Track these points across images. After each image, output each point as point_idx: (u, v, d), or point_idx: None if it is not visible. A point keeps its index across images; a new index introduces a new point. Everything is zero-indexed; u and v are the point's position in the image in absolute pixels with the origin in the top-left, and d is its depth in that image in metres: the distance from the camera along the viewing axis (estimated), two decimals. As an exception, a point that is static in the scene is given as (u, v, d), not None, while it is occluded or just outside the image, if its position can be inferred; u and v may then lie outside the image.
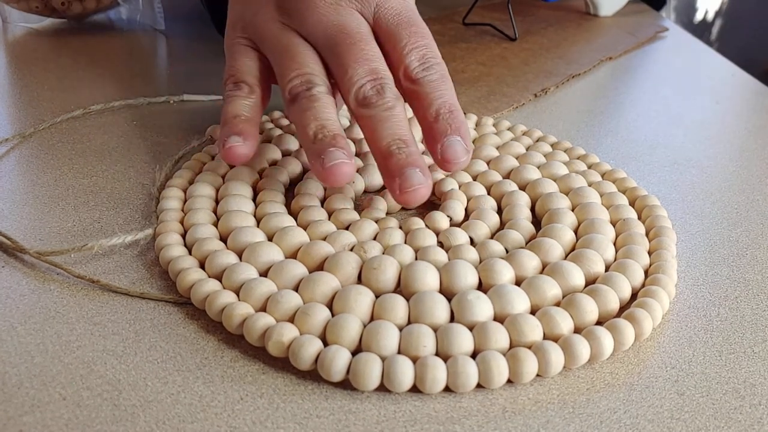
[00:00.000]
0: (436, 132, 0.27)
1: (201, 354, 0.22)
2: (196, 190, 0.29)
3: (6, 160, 0.33)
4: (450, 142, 0.27)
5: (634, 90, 0.49)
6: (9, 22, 0.53)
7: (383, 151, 0.27)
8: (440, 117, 0.28)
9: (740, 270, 0.28)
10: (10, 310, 0.23)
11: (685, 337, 0.24)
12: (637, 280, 0.25)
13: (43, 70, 0.45)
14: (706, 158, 0.39)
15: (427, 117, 0.28)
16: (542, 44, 0.55)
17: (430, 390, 0.21)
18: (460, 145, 0.27)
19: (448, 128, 0.27)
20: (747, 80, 0.54)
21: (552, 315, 0.22)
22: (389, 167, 0.26)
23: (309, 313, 0.22)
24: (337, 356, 0.21)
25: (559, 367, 0.21)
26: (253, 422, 0.20)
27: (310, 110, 0.27)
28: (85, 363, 0.21)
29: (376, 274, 0.24)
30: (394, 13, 0.30)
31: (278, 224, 0.27)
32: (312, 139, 0.26)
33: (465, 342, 0.21)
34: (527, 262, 0.25)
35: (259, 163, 0.31)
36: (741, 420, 0.21)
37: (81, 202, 0.30)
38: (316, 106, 0.27)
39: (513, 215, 0.29)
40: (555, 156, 0.34)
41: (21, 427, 0.19)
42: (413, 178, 0.26)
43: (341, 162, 0.26)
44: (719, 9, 1.74)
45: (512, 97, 0.44)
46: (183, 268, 0.25)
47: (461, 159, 0.27)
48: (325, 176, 0.26)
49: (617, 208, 0.29)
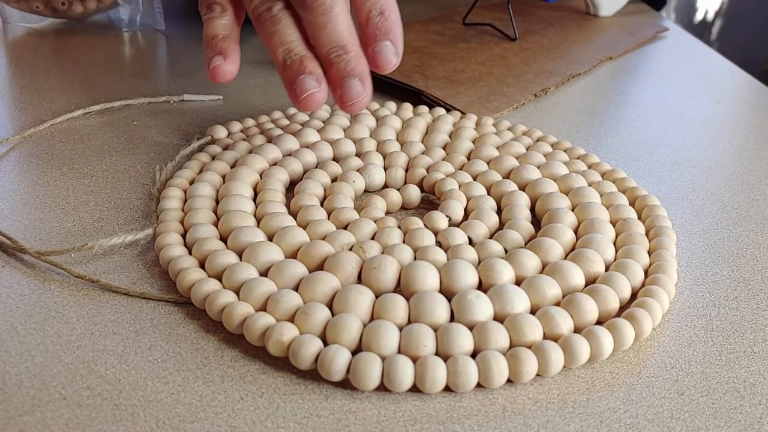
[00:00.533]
0: (368, 36, 0.29)
1: (201, 353, 0.22)
2: (196, 190, 0.29)
3: (6, 160, 0.33)
4: (379, 47, 0.28)
5: (634, 90, 0.49)
6: (9, 22, 0.54)
7: (323, 58, 0.28)
8: (371, 20, 0.29)
9: (740, 270, 0.28)
10: (10, 309, 0.24)
11: (685, 337, 0.24)
12: (637, 279, 0.25)
13: (43, 70, 0.45)
14: (706, 158, 0.39)
15: (360, 19, 0.29)
16: (542, 44, 0.55)
17: (430, 390, 0.21)
18: (389, 49, 0.29)
19: (378, 33, 0.28)
20: (747, 80, 0.54)
21: (552, 315, 0.22)
22: (331, 76, 0.28)
23: (309, 313, 0.22)
24: (337, 356, 0.21)
25: (559, 367, 0.21)
26: (253, 422, 0.20)
27: (275, 34, 0.28)
28: (86, 362, 0.21)
29: (376, 273, 0.24)
30: None
31: (278, 224, 0.27)
32: (282, 66, 0.28)
33: (465, 342, 0.21)
34: (527, 262, 0.25)
35: (259, 163, 0.32)
36: (741, 420, 0.21)
37: (81, 202, 0.30)
38: (279, 28, 0.28)
39: (512, 215, 0.29)
40: (555, 156, 0.34)
41: (21, 426, 0.19)
42: (352, 90, 0.28)
43: (312, 92, 0.27)
44: (719, 9, 1.74)
45: (512, 97, 0.44)
46: (183, 268, 0.25)
47: (391, 63, 0.29)
48: (299, 107, 0.28)
49: (617, 208, 0.29)
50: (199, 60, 0.48)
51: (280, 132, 0.35)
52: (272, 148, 0.33)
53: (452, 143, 0.35)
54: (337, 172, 0.32)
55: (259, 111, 0.39)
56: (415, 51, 0.50)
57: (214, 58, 0.29)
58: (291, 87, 0.28)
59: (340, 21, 0.28)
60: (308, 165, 0.32)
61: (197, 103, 0.41)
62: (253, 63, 0.48)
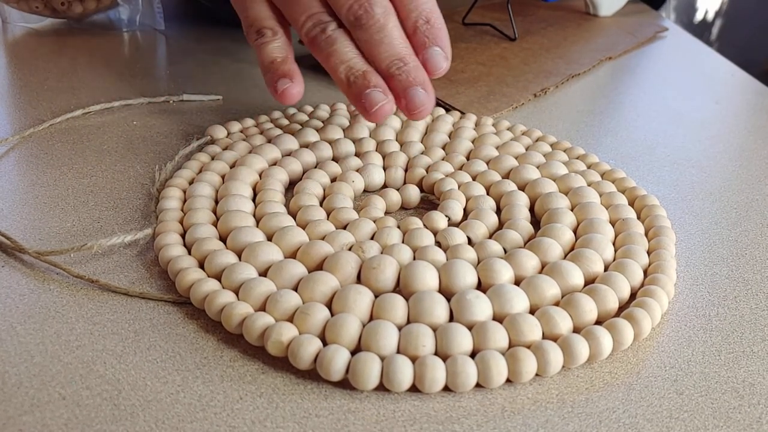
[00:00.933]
0: (417, 44, 0.30)
1: (200, 353, 0.22)
2: (195, 190, 0.29)
3: (6, 160, 0.33)
4: (429, 54, 0.29)
5: (634, 90, 0.49)
6: (9, 23, 0.54)
7: (384, 72, 0.29)
8: (418, 29, 0.29)
9: (739, 270, 0.28)
10: (9, 309, 0.24)
11: (684, 337, 0.24)
12: (636, 279, 0.25)
13: (43, 70, 0.45)
14: (705, 158, 0.39)
15: (407, 29, 0.30)
16: (542, 44, 0.55)
17: (429, 390, 0.21)
18: (439, 56, 0.30)
19: (426, 40, 0.29)
20: (747, 80, 0.54)
21: (551, 315, 0.22)
22: (394, 88, 0.29)
23: (308, 313, 0.22)
24: (336, 356, 0.21)
25: (558, 367, 0.21)
26: (253, 422, 0.20)
27: (333, 54, 0.29)
28: (85, 362, 0.21)
29: (375, 273, 0.24)
30: None
31: (277, 224, 0.27)
32: (346, 83, 0.29)
33: (464, 341, 0.21)
34: (526, 262, 0.25)
35: (259, 163, 0.32)
36: (740, 419, 0.21)
37: (81, 202, 0.30)
38: (336, 48, 0.29)
39: (512, 215, 0.29)
40: (554, 156, 0.34)
41: (20, 426, 0.19)
42: (417, 98, 0.29)
43: (381, 105, 0.29)
44: (719, 9, 1.74)
45: (512, 97, 0.44)
46: (182, 268, 0.25)
47: (442, 68, 0.30)
48: (370, 119, 0.29)
49: (616, 208, 0.29)
50: (199, 60, 0.48)
51: (279, 132, 0.35)
52: (272, 148, 0.33)
53: (451, 143, 0.35)
54: (336, 172, 0.32)
55: (258, 111, 0.39)
56: (414, 51, 0.50)
57: (281, 82, 0.30)
58: (359, 102, 0.29)
59: (395, 35, 0.29)
60: (308, 165, 0.32)
61: (197, 102, 0.41)
62: (253, 63, 0.48)
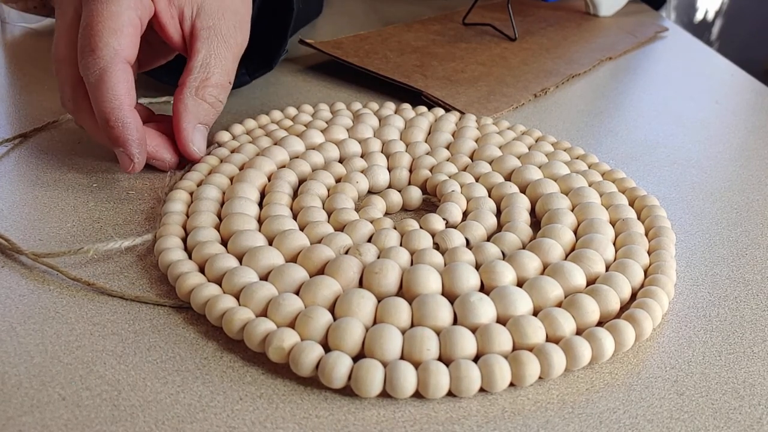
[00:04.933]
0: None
1: (200, 354, 0.22)
2: (202, 193, 0.29)
3: (6, 160, 0.33)
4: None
5: (634, 90, 0.49)
6: (8, 22, 0.54)
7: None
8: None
9: (739, 270, 0.28)
10: (9, 310, 0.23)
11: (685, 338, 0.24)
12: (637, 280, 0.25)
13: (42, 70, 0.45)
14: (705, 158, 0.39)
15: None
16: (542, 44, 0.55)
17: (433, 396, 0.21)
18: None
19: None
20: (747, 80, 0.54)
21: (554, 316, 0.22)
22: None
23: (311, 316, 0.22)
24: (338, 363, 0.20)
25: (561, 369, 0.21)
26: (253, 422, 0.20)
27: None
28: (85, 363, 0.21)
29: (378, 278, 0.24)
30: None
31: (280, 227, 0.27)
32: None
33: (468, 345, 0.21)
34: (528, 263, 0.25)
35: (267, 165, 0.31)
36: (740, 420, 0.21)
37: (81, 203, 0.30)
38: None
39: (511, 217, 0.29)
40: (556, 156, 0.34)
41: (20, 427, 0.19)
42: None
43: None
44: (719, 9, 1.74)
45: (512, 97, 0.44)
46: (182, 272, 0.24)
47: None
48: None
49: (617, 208, 0.29)
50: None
51: (284, 133, 0.35)
52: (279, 150, 0.33)
53: (456, 143, 0.35)
54: (341, 173, 0.32)
55: (258, 111, 0.39)
56: (414, 51, 0.50)
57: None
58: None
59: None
60: (316, 166, 0.32)
61: (197, 103, 0.41)
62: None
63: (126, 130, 0.29)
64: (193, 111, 0.31)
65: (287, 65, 0.48)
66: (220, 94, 0.32)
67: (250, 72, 0.42)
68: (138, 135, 0.29)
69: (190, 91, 0.31)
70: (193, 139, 0.31)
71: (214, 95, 0.31)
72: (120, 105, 0.28)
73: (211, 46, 0.31)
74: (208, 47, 0.31)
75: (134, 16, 0.29)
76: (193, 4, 0.31)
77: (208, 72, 0.31)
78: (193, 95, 0.31)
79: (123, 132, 0.29)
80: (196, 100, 0.31)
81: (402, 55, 0.49)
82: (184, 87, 0.31)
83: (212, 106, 0.32)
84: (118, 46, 0.28)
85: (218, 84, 0.31)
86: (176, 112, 0.31)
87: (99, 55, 0.28)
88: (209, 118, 0.32)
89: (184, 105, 0.31)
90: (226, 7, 0.32)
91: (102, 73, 0.28)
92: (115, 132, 0.29)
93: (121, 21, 0.28)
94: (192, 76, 0.31)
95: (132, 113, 0.29)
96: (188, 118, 0.31)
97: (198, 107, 0.31)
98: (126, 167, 0.30)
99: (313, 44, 0.48)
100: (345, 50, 0.48)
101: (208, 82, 0.31)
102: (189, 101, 0.31)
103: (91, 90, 0.29)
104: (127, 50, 0.29)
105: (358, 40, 0.50)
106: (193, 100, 0.31)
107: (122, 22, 0.28)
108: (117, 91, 0.28)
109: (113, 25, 0.28)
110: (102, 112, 0.29)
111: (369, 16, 0.64)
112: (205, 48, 0.31)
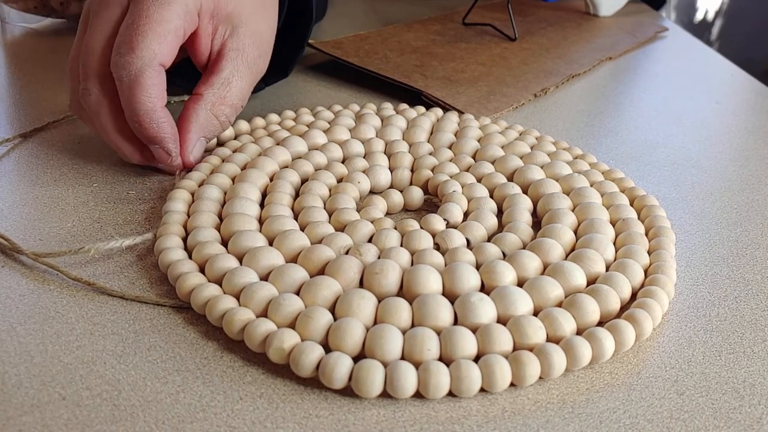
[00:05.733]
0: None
1: (200, 354, 0.22)
2: (203, 193, 0.29)
3: (6, 160, 0.33)
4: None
5: (634, 90, 0.49)
6: (8, 22, 0.54)
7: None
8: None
9: (739, 270, 0.28)
10: (9, 310, 0.23)
11: (685, 337, 0.24)
12: (637, 279, 0.25)
13: (42, 70, 0.45)
14: (705, 158, 0.39)
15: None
16: (542, 44, 0.55)
17: (433, 396, 0.21)
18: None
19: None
20: (747, 80, 0.54)
21: (555, 316, 0.22)
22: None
23: (312, 316, 0.22)
24: (338, 364, 0.20)
25: (562, 370, 0.21)
26: (253, 422, 0.20)
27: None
28: (85, 363, 0.21)
29: (378, 278, 0.24)
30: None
31: (280, 227, 0.27)
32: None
33: (468, 345, 0.21)
34: (528, 263, 0.25)
35: (270, 165, 0.31)
36: (740, 420, 0.21)
37: (81, 202, 0.30)
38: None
39: (512, 218, 0.29)
40: (559, 156, 0.34)
41: (20, 427, 0.19)
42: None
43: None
44: (719, 9, 1.74)
45: (512, 97, 0.44)
46: (182, 272, 0.24)
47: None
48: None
49: (617, 208, 0.29)
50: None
51: (286, 133, 0.35)
52: (281, 150, 0.33)
53: (458, 143, 0.35)
54: (343, 173, 0.32)
55: (258, 111, 0.39)
56: (414, 51, 0.50)
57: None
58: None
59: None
60: (318, 166, 0.32)
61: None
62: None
63: (161, 129, 0.29)
64: (203, 124, 0.31)
65: (287, 65, 0.48)
66: (231, 114, 0.32)
67: (266, 79, 0.42)
68: (172, 131, 0.30)
69: (206, 104, 0.31)
70: (193, 150, 0.31)
71: (226, 114, 0.32)
72: (153, 107, 0.29)
73: (236, 67, 0.32)
74: (233, 67, 0.32)
75: (181, 26, 0.29)
76: (228, 24, 0.32)
77: (228, 91, 0.32)
78: (207, 109, 0.31)
79: (158, 131, 0.29)
80: (210, 115, 0.31)
81: (402, 55, 0.49)
82: (201, 99, 0.31)
83: (221, 125, 0.32)
84: (158, 50, 0.28)
85: (233, 104, 0.32)
86: (186, 119, 0.31)
87: (138, 55, 0.28)
88: (213, 134, 0.32)
89: (197, 116, 0.31)
90: (256, 34, 0.33)
91: (138, 74, 0.28)
92: (150, 132, 0.29)
93: (167, 28, 0.29)
94: (211, 91, 0.31)
95: (164, 112, 0.29)
96: (196, 129, 0.31)
97: (209, 122, 0.31)
98: (164, 161, 0.31)
99: (313, 44, 0.48)
100: (345, 50, 0.48)
101: (225, 101, 0.31)
102: (202, 113, 0.31)
103: (124, 89, 0.29)
104: (166, 57, 0.29)
105: (358, 40, 0.50)
106: (206, 114, 0.31)
107: (168, 29, 0.29)
108: (151, 93, 0.29)
109: (160, 29, 0.28)
110: (135, 113, 0.29)
111: (369, 16, 0.64)
112: (230, 68, 0.32)
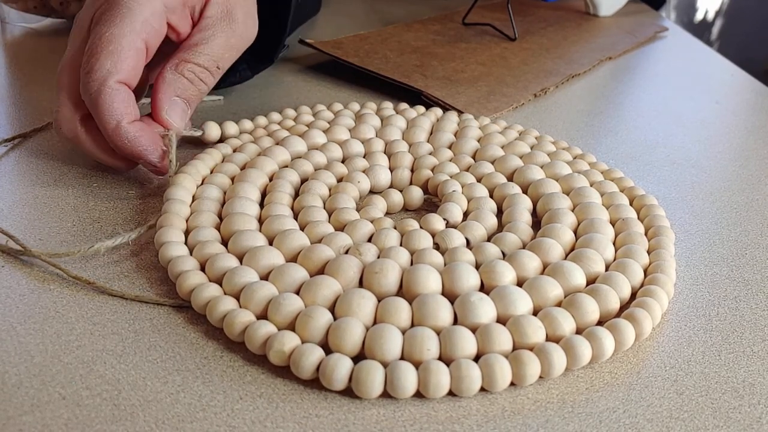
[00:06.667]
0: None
1: (200, 354, 0.22)
2: (203, 192, 0.29)
3: (6, 160, 0.33)
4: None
5: (634, 90, 0.49)
6: (8, 22, 0.54)
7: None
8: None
9: (739, 270, 0.28)
10: (9, 309, 0.24)
11: (684, 337, 0.24)
12: (637, 279, 0.25)
13: (42, 70, 0.45)
14: (705, 158, 0.39)
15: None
16: (542, 44, 0.55)
17: (433, 395, 0.21)
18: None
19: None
20: (747, 80, 0.54)
21: (554, 316, 0.22)
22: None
23: (312, 316, 0.22)
24: (338, 365, 0.20)
25: (562, 369, 0.21)
26: (253, 422, 0.20)
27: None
28: (85, 362, 0.21)
29: (378, 278, 0.24)
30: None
31: (280, 227, 0.27)
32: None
33: (468, 345, 0.21)
34: (528, 263, 0.25)
35: (269, 165, 0.31)
36: (740, 419, 0.21)
37: (81, 202, 0.30)
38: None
39: (512, 218, 0.29)
40: (558, 156, 0.34)
41: (20, 426, 0.19)
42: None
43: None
44: (719, 9, 1.74)
45: (512, 97, 0.44)
46: (183, 271, 0.24)
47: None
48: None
49: (616, 208, 0.29)
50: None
51: (286, 133, 0.35)
52: (281, 150, 0.33)
53: (458, 143, 0.35)
54: (343, 173, 0.32)
55: (258, 110, 0.39)
56: (414, 51, 0.50)
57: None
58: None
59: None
60: (318, 166, 0.32)
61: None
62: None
63: (135, 143, 0.29)
64: (170, 83, 0.31)
65: (287, 65, 0.48)
66: (202, 73, 0.32)
67: (252, 66, 0.42)
68: (149, 142, 0.30)
69: (171, 65, 0.31)
70: (168, 110, 0.31)
71: (194, 72, 0.32)
72: (118, 124, 0.29)
73: (207, 32, 0.32)
74: (203, 33, 0.32)
75: (136, 39, 0.29)
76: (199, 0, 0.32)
77: (194, 53, 0.31)
78: (172, 69, 0.31)
79: (133, 146, 0.29)
80: (175, 74, 0.31)
81: (402, 55, 0.49)
82: (167, 62, 0.31)
83: (191, 82, 0.32)
84: (113, 68, 0.28)
85: (202, 64, 0.32)
86: (154, 86, 0.31)
87: (94, 77, 0.28)
88: (188, 94, 0.32)
89: (162, 78, 0.31)
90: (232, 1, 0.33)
91: (96, 94, 0.28)
92: (125, 149, 0.29)
93: (120, 44, 0.29)
94: (177, 54, 0.31)
95: (134, 126, 0.29)
96: (164, 89, 0.31)
97: (176, 81, 0.31)
98: (157, 174, 0.31)
99: (313, 44, 0.48)
100: (345, 50, 0.48)
101: (190, 60, 0.31)
102: (167, 74, 0.31)
103: (92, 111, 0.29)
104: (123, 73, 0.29)
105: (358, 40, 0.50)
106: (171, 74, 0.31)
107: (120, 46, 0.29)
108: (113, 111, 0.29)
109: (111, 47, 0.29)
110: (105, 132, 0.29)
111: (369, 16, 0.64)
112: (200, 33, 0.32)
